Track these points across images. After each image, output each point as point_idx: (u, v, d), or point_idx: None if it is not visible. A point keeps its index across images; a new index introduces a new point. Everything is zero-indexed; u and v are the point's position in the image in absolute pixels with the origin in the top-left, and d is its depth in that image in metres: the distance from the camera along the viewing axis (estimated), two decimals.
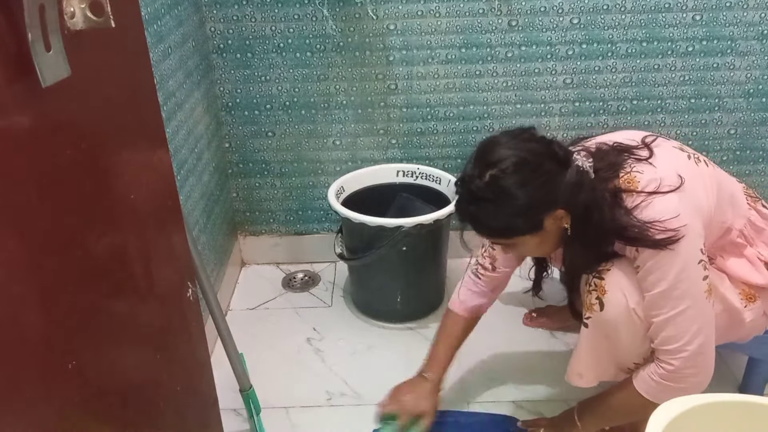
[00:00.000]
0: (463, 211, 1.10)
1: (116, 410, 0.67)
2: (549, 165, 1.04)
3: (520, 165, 1.02)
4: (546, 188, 1.03)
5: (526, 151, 1.04)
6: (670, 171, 1.06)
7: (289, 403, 1.47)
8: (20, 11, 0.46)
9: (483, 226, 1.10)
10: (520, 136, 1.07)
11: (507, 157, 1.02)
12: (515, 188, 1.02)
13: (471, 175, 1.05)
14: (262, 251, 2.00)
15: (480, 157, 1.06)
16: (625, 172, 1.07)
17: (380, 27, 1.68)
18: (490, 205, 1.04)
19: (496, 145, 1.05)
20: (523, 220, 1.06)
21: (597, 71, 1.74)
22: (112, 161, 0.65)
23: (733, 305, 1.15)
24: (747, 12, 1.65)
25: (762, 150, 1.85)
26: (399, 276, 1.69)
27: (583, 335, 1.19)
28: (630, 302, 1.09)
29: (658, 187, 1.04)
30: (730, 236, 1.15)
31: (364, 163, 1.85)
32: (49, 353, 0.54)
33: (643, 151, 1.11)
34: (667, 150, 1.13)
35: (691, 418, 0.83)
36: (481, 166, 1.04)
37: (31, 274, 0.51)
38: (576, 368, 1.22)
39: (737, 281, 1.17)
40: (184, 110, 1.48)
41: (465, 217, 1.10)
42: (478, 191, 1.03)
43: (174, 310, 0.83)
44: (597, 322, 1.15)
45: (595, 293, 1.13)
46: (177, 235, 0.83)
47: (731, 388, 1.46)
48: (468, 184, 1.05)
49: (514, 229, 1.08)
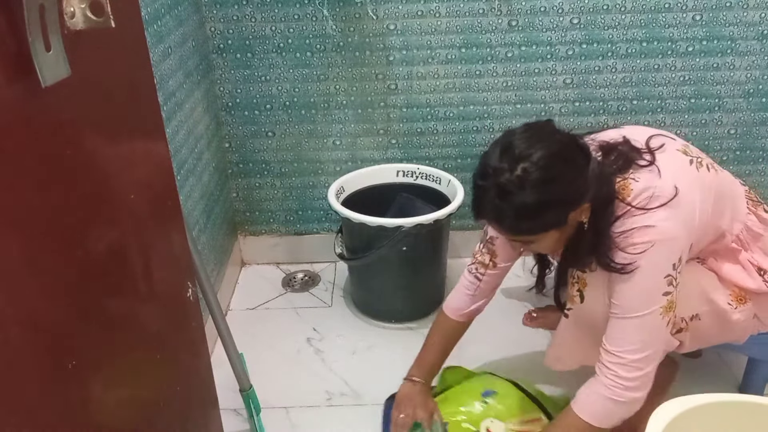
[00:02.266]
0: (488, 206, 1.02)
1: (116, 410, 0.67)
2: (578, 157, 1.01)
3: (552, 157, 0.98)
4: (577, 182, 1.00)
5: (556, 143, 1.00)
6: (668, 183, 1.04)
7: (289, 403, 1.47)
8: (20, 11, 0.46)
9: (508, 223, 1.04)
10: (544, 128, 1.04)
11: (538, 149, 0.98)
12: (549, 182, 0.97)
13: (499, 168, 0.99)
14: (262, 251, 2.00)
15: (507, 150, 1.00)
16: (622, 177, 1.06)
17: (380, 27, 1.68)
18: (519, 198, 0.98)
19: (523, 138, 1.01)
20: (552, 215, 1.02)
21: (597, 71, 1.74)
22: (112, 161, 0.65)
23: (720, 306, 1.15)
24: (747, 12, 1.65)
25: (762, 150, 1.85)
26: (399, 276, 1.69)
27: (563, 324, 1.21)
28: (607, 297, 1.10)
29: (650, 199, 1.03)
30: (724, 241, 1.15)
31: (364, 163, 1.85)
32: (49, 353, 0.54)
33: (647, 155, 1.09)
34: (670, 155, 1.10)
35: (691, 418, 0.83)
36: (510, 159, 0.98)
37: (31, 275, 0.51)
38: (555, 353, 1.24)
39: (728, 283, 1.17)
40: (184, 110, 1.48)
41: (489, 213, 1.04)
42: (508, 185, 0.98)
43: (174, 310, 0.83)
44: (577, 314, 1.16)
45: (577, 285, 1.15)
46: (177, 235, 0.83)
47: (731, 388, 1.45)
48: (496, 177, 0.99)
49: (541, 224, 1.04)
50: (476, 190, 1.04)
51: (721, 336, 1.20)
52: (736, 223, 1.15)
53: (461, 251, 1.98)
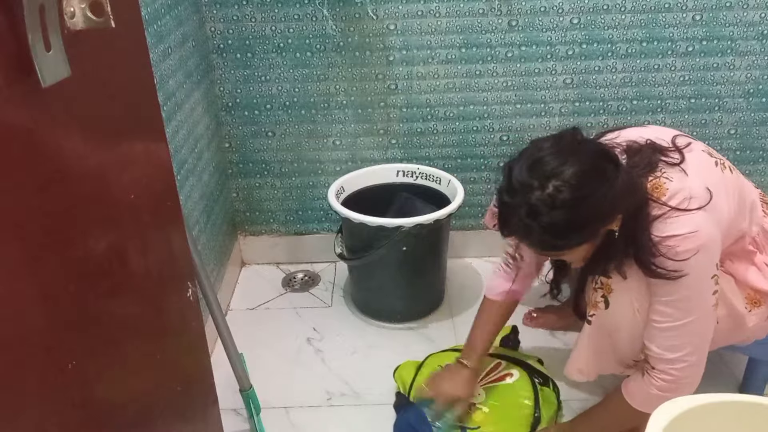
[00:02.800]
0: (516, 224, 0.99)
1: (116, 410, 0.67)
2: (609, 170, 0.97)
3: (584, 175, 0.95)
4: (610, 196, 0.96)
5: (586, 156, 0.97)
6: (699, 184, 1.03)
7: (289, 403, 1.47)
8: (20, 11, 0.46)
9: (538, 240, 1.01)
10: (571, 140, 1.00)
11: (569, 165, 0.95)
12: (578, 200, 0.94)
13: (528, 185, 0.95)
14: (262, 251, 2.00)
15: (535, 166, 0.96)
16: (654, 176, 1.04)
17: (380, 27, 1.68)
18: (550, 217, 0.95)
19: (549, 152, 0.97)
20: (585, 232, 1.00)
21: (597, 71, 1.74)
22: (112, 161, 0.65)
23: (737, 310, 1.15)
24: (747, 12, 1.65)
25: (762, 150, 1.85)
26: (399, 276, 1.69)
27: (585, 332, 1.19)
28: (635, 302, 1.09)
29: (688, 203, 1.01)
30: (742, 243, 1.15)
31: (364, 163, 1.85)
32: (49, 353, 0.53)
33: (675, 153, 1.07)
34: (698, 155, 1.09)
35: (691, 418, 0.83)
36: (539, 176, 0.95)
37: (31, 274, 0.51)
38: (576, 364, 1.23)
39: (743, 285, 1.16)
40: (184, 110, 1.48)
41: (517, 231, 1.01)
42: (539, 204, 0.95)
43: (174, 310, 0.83)
44: (601, 320, 1.15)
45: (601, 291, 1.13)
46: (177, 235, 0.83)
47: (731, 388, 1.46)
48: (525, 195, 0.95)
49: (572, 240, 1.02)
50: (503, 206, 1.01)
51: (731, 338, 1.20)
52: (753, 225, 1.15)
53: (461, 251, 1.98)
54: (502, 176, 1.02)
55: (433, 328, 1.71)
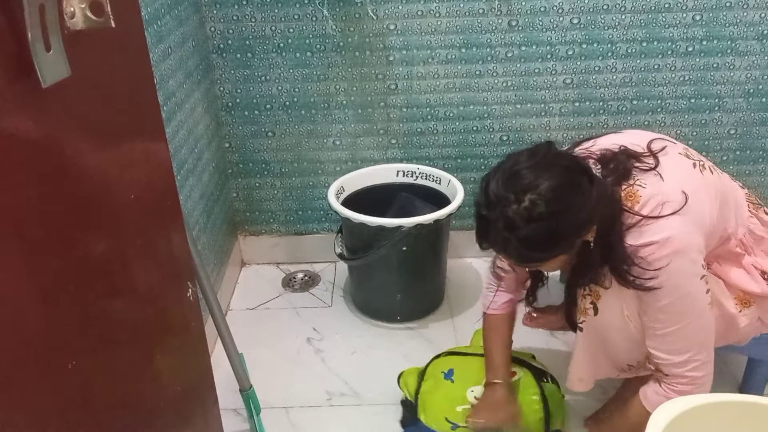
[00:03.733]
0: (493, 237, 1.01)
1: (116, 410, 0.67)
2: (582, 182, 0.99)
3: (559, 189, 0.96)
4: (585, 209, 0.98)
5: (561, 170, 0.98)
6: (675, 187, 1.03)
7: (289, 403, 1.47)
8: (20, 11, 0.46)
9: (515, 253, 1.02)
10: (546, 154, 1.01)
11: (545, 179, 0.96)
12: (554, 214, 0.96)
13: (505, 198, 0.97)
14: (262, 251, 2.00)
15: (511, 180, 0.98)
16: (627, 184, 1.04)
17: (380, 27, 1.68)
18: (527, 231, 0.97)
19: (525, 166, 0.99)
20: (561, 244, 1.02)
21: (597, 71, 1.74)
22: (112, 161, 0.65)
23: (729, 311, 1.15)
24: (747, 12, 1.65)
25: (762, 150, 1.85)
26: (399, 276, 1.69)
27: (579, 339, 1.19)
28: (625, 309, 1.09)
29: (661, 209, 1.01)
30: (728, 245, 1.14)
31: (364, 163, 1.85)
32: (49, 353, 0.53)
33: (649, 159, 1.08)
34: (673, 159, 1.10)
35: (691, 418, 0.83)
36: (515, 190, 0.97)
37: (31, 275, 0.51)
38: (576, 374, 1.23)
39: (732, 287, 1.16)
40: (184, 110, 1.48)
41: (495, 244, 1.03)
42: (516, 217, 0.96)
43: (174, 310, 0.83)
44: (591, 326, 1.15)
45: (590, 298, 1.14)
46: (177, 235, 0.83)
47: (731, 388, 1.46)
48: (502, 209, 0.97)
49: (548, 253, 1.03)
50: (480, 219, 1.02)
51: (725, 338, 1.20)
52: (739, 226, 1.15)
53: (461, 251, 1.98)
54: (480, 189, 1.03)
55: (433, 328, 1.71)
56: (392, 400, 1.45)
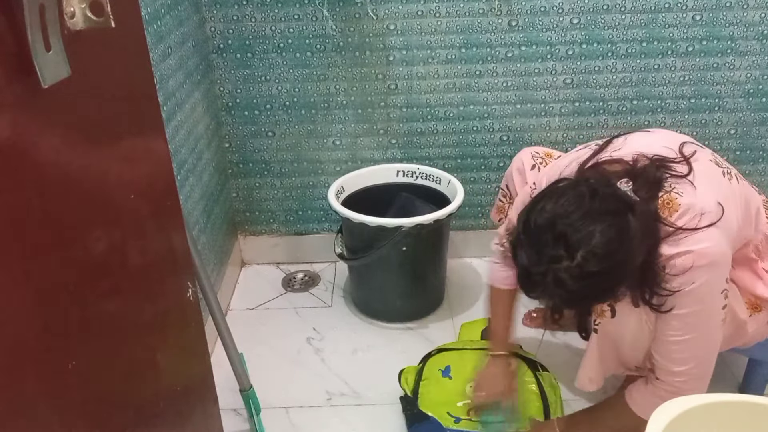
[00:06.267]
0: (541, 290, 0.98)
1: (116, 410, 0.67)
2: (631, 225, 0.95)
3: (611, 242, 0.92)
4: (633, 255, 0.95)
5: (611, 218, 0.94)
6: (710, 197, 1.01)
7: (289, 403, 1.47)
8: (20, 11, 0.46)
9: (563, 304, 1.03)
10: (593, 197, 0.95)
11: (595, 231, 0.92)
12: (609, 269, 0.93)
13: (554, 256, 0.93)
14: (262, 251, 2.00)
15: (558, 234, 0.93)
16: (664, 191, 1.02)
17: (380, 27, 1.68)
18: (580, 287, 0.94)
19: (576, 217, 0.94)
20: (612, 292, 1.00)
21: (597, 71, 1.74)
22: (111, 161, 0.65)
23: (739, 316, 1.15)
24: (747, 12, 1.65)
25: (762, 150, 1.85)
26: (399, 276, 1.69)
27: (592, 341, 1.19)
28: (643, 312, 1.08)
29: (699, 219, 0.99)
30: (745, 250, 1.14)
31: (364, 163, 1.85)
32: (49, 353, 0.53)
33: (682, 165, 1.05)
34: (705, 166, 1.07)
35: (691, 418, 0.83)
36: (564, 245, 0.93)
37: (31, 275, 0.51)
38: (587, 374, 1.23)
39: (745, 291, 1.16)
40: (184, 110, 1.48)
41: (542, 295, 1.01)
42: (567, 276, 0.93)
43: (174, 310, 0.83)
44: (606, 328, 1.15)
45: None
46: (177, 235, 0.83)
47: (731, 388, 1.46)
48: (553, 265, 0.93)
49: (597, 302, 1.05)
50: (525, 272, 0.99)
51: (732, 343, 1.20)
52: (757, 233, 1.14)
53: (461, 251, 1.98)
54: (520, 227, 0.99)
55: (433, 328, 1.71)
56: (392, 400, 1.45)
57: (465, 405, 1.34)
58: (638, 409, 1.14)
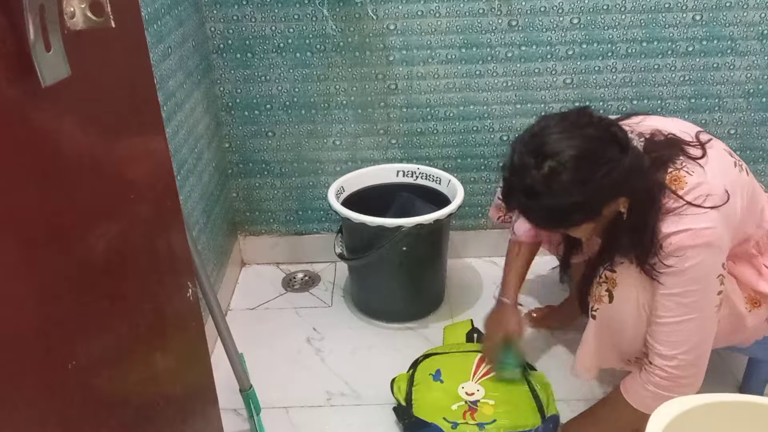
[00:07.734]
0: (516, 202, 1.03)
1: (116, 411, 0.67)
2: (610, 152, 0.97)
3: (580, 158, 0.95)
4: (608, 179, 0.96)
5: (585, 139, 0.96)
6: (719, 182, 1.03)
7: (289, 403, 1.47)
8: (20, 11, 0.46)
9: (536, 217, 1.05)
10: (577, 121, 0.99)
11: (566, 147, 0.95)
12: (575, 183, 0.95)
13: (525, 164, 0.97)
14: (262, 251, 2.00)
15: (535, 145, 0.98)
16: (674, 167, 1.03)
17: (380, 27, 1.68)
18: (548, 199, 0.97)
19: (552, 132, 0.97)
20: (581, 213, 1.01)
21: (597, 71, 1.74)
22: (111, 161, 0.65)
23: (739, 310, 1.15)
24: (747, 12, 1.65)
25: (762, 150, 1.85)
26: (399, 276, 1.69)
27: (590, 327, 1.19)
28: (641, 298, 1.09)
29: (704, 200, 1.00)
30: (746, 246, 1.14)
31: (364, 163, 1.85)
32: (49, 353, 0.53)
33: (697, 149, 1.07)
34: (719, 153, 1.09)
35: (691, 418, 0.83)
36: (537, 156, 0.96)
37: (31, 274, 0.51)
38: (583, 362, 1.23)
39: (744, 286, 1.17)
40: (184, 110, 1.48)
41: (516, 207, 1.05)
42: (534, 184, 0.97)
43: (174, 310, 0.83)
44: (604, 314, 1.15)
45: (606, 285, 1.13)
46: (177, 235, 0.83)
47: (731, 388, 1.46)
48: (522, 174, 0.98)
49: (569, 221, 1.04)
50: (505, 182, 1.03)
51: (731, 338, 1.20)
52: (759, 229, 1.15)
53: (461, 251, 1.98)
54: (511, 150, 1.03)
55: (433, 328, 1.71)
56: (392, 400, 1.45)
57: (460, 407, 1.33)
58: (632, 399, 1.13)
